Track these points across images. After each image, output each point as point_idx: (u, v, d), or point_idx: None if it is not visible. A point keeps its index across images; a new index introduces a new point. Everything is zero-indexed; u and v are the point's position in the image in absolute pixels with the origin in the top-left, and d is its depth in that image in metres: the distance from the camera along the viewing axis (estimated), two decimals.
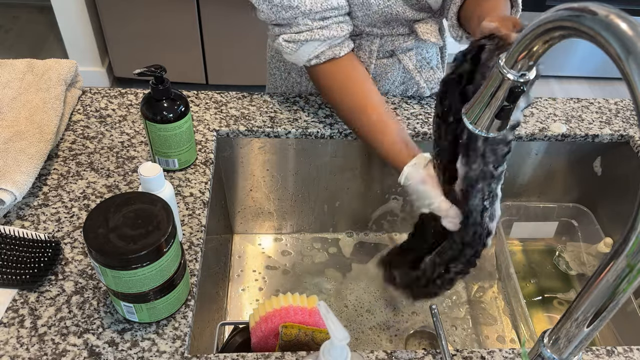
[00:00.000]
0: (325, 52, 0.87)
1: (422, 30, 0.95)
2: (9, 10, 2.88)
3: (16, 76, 0.94)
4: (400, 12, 0.91)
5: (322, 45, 0.86)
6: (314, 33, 0.84)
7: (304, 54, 0.87)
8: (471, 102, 0.65)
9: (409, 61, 1.00)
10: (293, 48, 0.87)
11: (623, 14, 0.42)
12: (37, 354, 0.66)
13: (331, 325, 0.50)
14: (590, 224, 1.09)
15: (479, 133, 0.67)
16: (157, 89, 0.79)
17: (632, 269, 0.45)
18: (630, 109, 1.08)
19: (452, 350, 0.70)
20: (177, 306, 0.70)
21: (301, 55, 0.87)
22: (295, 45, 0.86)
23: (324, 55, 0.87)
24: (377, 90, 0.89)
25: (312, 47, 0.86)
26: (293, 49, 0.87)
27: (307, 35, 0.85)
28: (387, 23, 0.94)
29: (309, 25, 0.84)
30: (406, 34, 0.97)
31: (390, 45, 0.98)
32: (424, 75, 1.03)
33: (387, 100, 1.05)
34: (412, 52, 1.00)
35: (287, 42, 0.86)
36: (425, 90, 1.05)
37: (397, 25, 0.95)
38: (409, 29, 0.97)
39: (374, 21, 0.92)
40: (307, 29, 0.84)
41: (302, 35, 0.85)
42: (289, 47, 0.87)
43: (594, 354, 0.72)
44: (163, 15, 2.22)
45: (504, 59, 0.59)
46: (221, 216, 1.03)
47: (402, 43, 0.97)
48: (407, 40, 0.98)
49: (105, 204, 0.63)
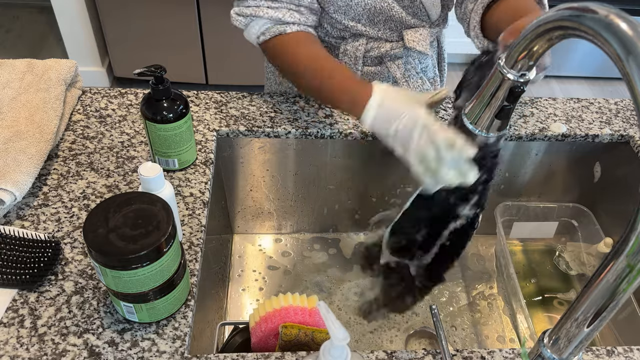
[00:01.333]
0: (270, 28, 0.88)
1: (409, 37, 0.93)
2: (9, 10, 2.88)
3: (16, 76, 0.94)
4: (386, 8, 0.90)
5: (268, 22, 0.88)
6: (260, 9, 0.86)
7: (253, 31, 0.89)
8: (471, 102, 0.65)
9: (397, 69, 0.99)
10: (242, 22, 0.89)
11: (623, 14, 0.42)
12: (37, 354, 0.66)
13: (331, 325, 0.50)
14: (590, 224, 1.09)
15: (479, 133, 0.67)
16: (157, 89, 0.79)
17: (632, 269, 0.45)
18: (630, 109, 1.08)
19: (452, 350, 0.70)
20: (177, 306, 0.70)
21: (252, 33, 0.90)
22: (244, 20, 0.89)
23: (269, 32, 0.88)
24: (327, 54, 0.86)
25: (259, 25, 0.88)
26: (242, 23, 0.89)
27: (253, 10, 0.87)
28: (373, 22, 0.92)
29: (257, 2, 0.87)
30: (394, 41, 0.96)
31: (376, 51, 0.97)
32: (412, 85, 1.01)
33: None
34: (400, 61, 0.98)
35: (237, 15, 0.90)
36: None
37: (384, 28, 0.94)
38: (398, 35, 0.95)
39: (357, 15, 0.91)
40: (254, 5, 0.87)
41: (248, 10, 0.87)
42: (238, 19, 0.90)
43: (594, 354, 0.72)
44: (163, 15, 2.22)
45: (504, 59, 0.60)
46: (221, 216, 1.03)
47: (389, 50, 0.96)
48: (396, 48, 0.96)
49: (105, 204, 0.63)
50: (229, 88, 1.42)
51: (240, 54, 2.34)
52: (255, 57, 2.33)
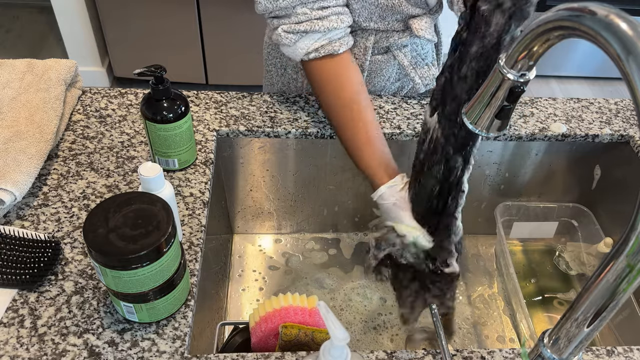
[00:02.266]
0: (325, 46, 0.86)
1: (416, 26, 0.94)
2: (9, 10, 2.88)
3: (16, 76, 0.94)
4: (396, 4, 0.91)
5: (321, 39, 0.85)
6: (313, 24, 0.83)
7: (303, 47, 0.86)
8: (471, 102, 0.65)
9: (404, 58, 1.00)
10: (292, 39, 0.85)
11: (623, 14, 0.42)
12: (37, 354, 0.66)
13: (331, 325, 0.50)
14: (590, 224, 1.09)
15: (479, 133, 0.67)
16: (157, 89, 0.79)
17: (632, 269, 0.45)
18: (630, 109, 1.08)
19: (452, 350, 0.70)
20: (177, 306, 0.70)
21: (300, 48, 0.86)
22: (295, 37, 0.85)
23: (324, 49, 0.86)
24: (369, 101, 0.88)
25: (312, 40, 0.85)
26: (292, 40, 0.85)
27: (306, 26, 0.83)
28: (383, 17, 0.93)
29: (308, 15, 0.83)
30: (401, 30, 0.97)
31: (385, 42, 0.98)
32: (419, 72, 1.03)
33: (387, 100, 1.05)
34: (407, 49, 1.00)
35: (286, 33, 0.85)
36: (421, 87, 1.05)
37: (392, 21, 0.95)
38: (404, 24, 0.96)
39: (370, 14, 0.92)
40: (306, 19, 0.84)
41: (301, 26, 0.84)
42: (288, 37, 0.85)
43: (594, 354, 0.72)
44: (163, 15, 2.22)
45: (504, 58, 0.59)
46: (221, 216, 1.03)
47: (397, 39, 0.97)
48: (402, 37, 0.97)
49: (105, 204, 0.63)
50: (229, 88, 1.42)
51: (240, 54, 2.34)
52: (256, 57, 2.33)
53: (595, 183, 1.09)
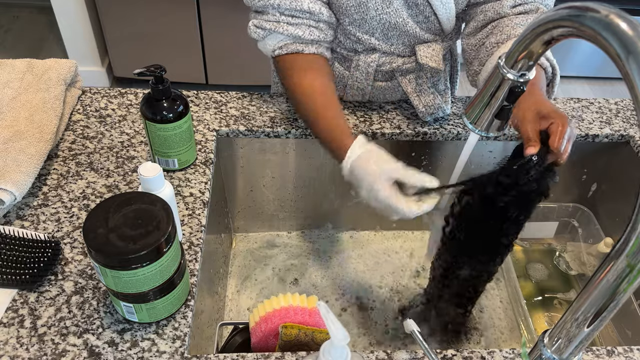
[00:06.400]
0: (289, 45, 0.88)
1: (421, 53, 0.92)
2: (9, 10, 2.88)
3: (16, 76, 0.94)
4: (401, 23, 0.89)
5: (287, 39, 0.88)
6: (279, 25, 0.86)
7: (270, 44, 0.89)
8: (471, 102, 0.66)
9: (407, 84, 0.97)
10: (260, 34, 0.89)
11: (623, 14, 0.42)
12: (37, 354, 0.65)
13: (331, 326, 0.50)
14: (590, 224, 1.09)
15: (479, 133, 0.67)
16: (157, 89, 0.79)
17: (632, 269, 0.45)
18: (630, 109, 1.08)
19: (452, 350, 0.70)
20: (177, 306, 0.70)
21: (267, 45, 0.90)
22: (262, 32, 0.88)
23: (287, 47, 0.88)
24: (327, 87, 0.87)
25: (277, 39, 0.88)
26: (260, 35, 0.89)
27: (273, 25, 0.87)
28: (387, 36, 0.91)
29: (277, 17, 0.86)
30: (407, 56, 0.95)
31: (388, 66, 0.96)
32: (423, 100, 0.98)
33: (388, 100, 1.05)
34: (412, 75, 0.97)
35: (255, 27, 0.89)
36: (425, 116, 0.99)
37: (397, 43, 0.93)
38: (411, 50, 0.94)
39: (371, 28, 0.90)
40: (274, 20, 0.87)
41: (268, 24, 0.87)
42: (256, 31, 0.89)
43: (594, 354, 0.72)
44: (163, 15, 2.22)
45: (504, 58, 0.59)
46: (221, 216, 1.03)
47: (401, 65, 0.95)
48: (408, 63, 0.95)
49: (105, 204, 0.63)
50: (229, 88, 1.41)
51: (240, 54, 2.34)
52: (255, 57, 2.33)
53: (595, 183, 1.09)
